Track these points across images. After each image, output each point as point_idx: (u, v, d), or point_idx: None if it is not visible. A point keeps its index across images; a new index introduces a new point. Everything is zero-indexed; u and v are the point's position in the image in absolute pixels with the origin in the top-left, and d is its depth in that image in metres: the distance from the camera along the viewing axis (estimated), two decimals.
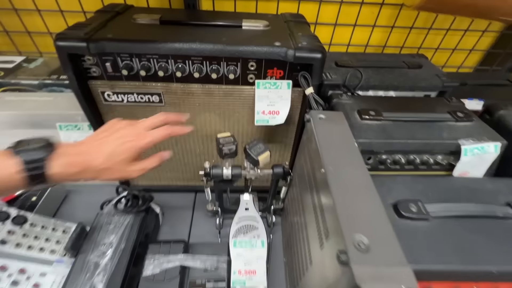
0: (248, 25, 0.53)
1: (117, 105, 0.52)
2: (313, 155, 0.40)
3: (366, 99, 0.53)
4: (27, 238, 0.50)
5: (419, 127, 0.46)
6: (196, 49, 0.45)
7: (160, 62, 0.47)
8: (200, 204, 0.70)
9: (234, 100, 0.52)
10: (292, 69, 0.49)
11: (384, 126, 0.46)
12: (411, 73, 0.61)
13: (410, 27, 0.74)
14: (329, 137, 0.38)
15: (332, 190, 0.31)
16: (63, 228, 0.55)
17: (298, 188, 0.50)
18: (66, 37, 0.43)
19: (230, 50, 0.45)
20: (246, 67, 0.48)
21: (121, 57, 0.46)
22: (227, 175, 0.51)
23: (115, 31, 0.47)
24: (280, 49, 0.45)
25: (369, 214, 0.29)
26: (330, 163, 0.34)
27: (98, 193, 0.68)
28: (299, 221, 0.47)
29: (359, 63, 0.62)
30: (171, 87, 0.50)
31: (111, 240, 0.52)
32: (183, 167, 0.65)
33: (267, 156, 0.49)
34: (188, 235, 0.63)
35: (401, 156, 0.45)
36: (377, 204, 0.30)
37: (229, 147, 0.48)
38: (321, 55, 0.46)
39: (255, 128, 0.57)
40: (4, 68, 0.64)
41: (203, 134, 0.58)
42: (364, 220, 0.28)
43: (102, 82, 0.49)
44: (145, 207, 0.57)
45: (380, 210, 0.29)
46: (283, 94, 0.51)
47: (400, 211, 0.36)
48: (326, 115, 0.43)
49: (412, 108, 0.50)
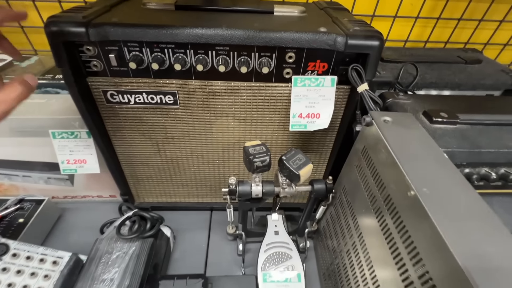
0: (281, 10, 0.44)
1: (122, 108, 0.43)
2: (382, 170, 0.30)
3: (429, 99, 0.43)
4: (7, 273, 0.40)
5: (506, 133, 0.36)
6: (222, 35, 0.36)
7: (176, 53, 0.37)
8: (217, 224, 0.59)
9: (264, 100, 0.43)
10: (339, 61, 0.39)
11: (463, 131, 0.36)
12: (471, 68, 0.51)
13: (458, 19, 0.65)
14: (406, 146, 0.29)
15: (438, 225, 0.21)
16: (54, 258, 0.44)
17: (346, 209, 0.40)
18: (60, 21, 0.34)
19: (266, 37, 0.36)
20: (282, 59, 0.39)
21: (129, 46, 0.37)
22: (257, 193, 0.41)
23: (121, 15, 0.38)
24: (327, 36, 0.36)
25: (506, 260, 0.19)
26: (422, 183, 0.24)
27: (98, 212, 0.58)
28: (351, 248, 0.37)
29: (407, 57, 0.53)
30: (188, 84, 0.41)
31: (113, 275, 0.41)
32: (198, 181, 0.55)
33: (309, 170, 0.39)
34: (204, 263, 0.52)
35: (489, 170, 0.34)
36: (506, 234, 0.20)
37: (261, 158, 0.38)
38: (379, 42, 0.36)
39: (287, 135, 0.47)
40: None
41: (224, 141, 0.48)
42: (500, 270, 0.18)
43: (104, 79, 0.40)
44: (154, 231, 0.47)
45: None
46: (325, 93, 0.41)
47: None
48: (393, 117, 0.33)
49: (490, 109, 0.40)
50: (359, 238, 0.35)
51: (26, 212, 0.52)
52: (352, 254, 0.37)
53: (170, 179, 0.54)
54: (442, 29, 0.69)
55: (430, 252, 0.22)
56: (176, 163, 0.51)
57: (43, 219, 0.53)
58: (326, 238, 0.49)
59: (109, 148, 0.48)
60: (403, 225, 0.26)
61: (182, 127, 0.46)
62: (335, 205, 0.46)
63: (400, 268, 0.25)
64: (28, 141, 0.49)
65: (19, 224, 0.50)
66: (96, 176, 0.55)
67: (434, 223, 0.21)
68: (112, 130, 0.46)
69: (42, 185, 0.56)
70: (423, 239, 0.23)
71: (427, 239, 0.22)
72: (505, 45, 0.71)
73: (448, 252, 0.19)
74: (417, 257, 0.23)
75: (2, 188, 0.56)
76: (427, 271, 0.22)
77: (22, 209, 0.53)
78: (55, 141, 0.47)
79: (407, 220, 0.25)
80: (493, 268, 0.19)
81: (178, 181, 0.55)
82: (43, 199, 0.54)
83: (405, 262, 0.25)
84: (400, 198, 0.26)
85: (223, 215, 0.58)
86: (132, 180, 0.54)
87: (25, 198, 0.54)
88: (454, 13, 0.66)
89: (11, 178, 0.54)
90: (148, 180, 0.54)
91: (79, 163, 0.50)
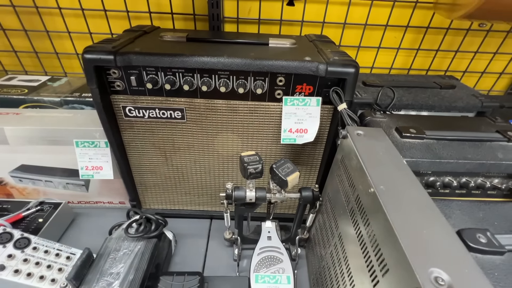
0: (275, 43, 0.52)
1: (137, 121, 0.50)
2: (354, 175, 0.35)
3: (402, 117, 0.49)
4: (27, 264, 0.45)
5: (468, 147, 0.41)
6: (224, 62, 0.43)
7: (185, 76, 0.45)
8: (216, 232, 0.64)
9: (259, 117, 0.50)
10: (322, 85, 0.46)
11: (429, 145, 0.41)
12: (444, 93, 0.57)
13: (436, 50, 0.73)
14: (372, 153, 0.34)
15: (388, 214, 0.26)
16: (67, 254, 0.49)
17: (330, 215, 0.45)
18: (94, 50, 0.42)
19: (259, 64, 0.43)
20: (274, 82, 0.46)
21: (147, 70, 0.45)
22: (251, 198, 0.47)
23: (142, 46, 0.46)
24: (311, 64, 0.43)
25: (441, 243, 0.24)
26: (381, 181, 0.30)
27: (108, 217, 0.64)
28: (333, 253, 0.41)
29: (388, 83, 0.60)
30: (194, 102, 0.48)
31: (119, 269, 0.46)
32: (199, 189, 0.60)
33: (296, 177, 0.44)
34: (202, 266, 0.56)
35: (452, 178, 0.39)
36: (448, 231, 0.25)
37: (254, 166, 0.44)
38: (354, 69, 0.43)
39: (280, 148, 0.53)
40: (28, 86, 0.64)
41: (224, 153, 0.54)
42: (436, 251, 0.23)
43: (124, 96, 0.47)
44: (158, 232, 0.52)
45: (453, 238, 0.24)
46: (312, 112, 0.48)
47: (467, 241, 0.30)
48: (365, 131, 0.39)
49: (455, 127, 0.46)
50: (339, 239, 0.39)
51: (45, 214, 0.58)
52: (334, 255, 0.41)
53: (175, 187, 0.60)
54: (425, 58, 0.76)
55: (383, 237, 0.27)
56: (181, 172, 0.57)
57: (59, 220, 0.59)
58: (315, 245, 0.53)
59: (123, 156, 0.54)
60: (367, 218, 0.30)
61: (187, 139, 0.52)
62: (322, 213, 0.50)
63: (365, 256, 0.30)
64: (54, 149, 0.56)
65: (38, 223, 0.55)
66: (109, 183, 0.61)
67: (385, 212, 0.26)
68: (127, 140, 0.53)
69: (60, 190, 0.63)
70: (379, 226, 0.27)
71: (381, 227, 0.27)
72: (482, 73, 0.77)
73: (395, 237, 0.24)
74: (375, 243, 0.28)
75: (25, 192, 0.63)
76: (381, 254, 0.27)
77: (42, 210, 0.59)
78: (78, 149, 0.55)
79: (369, 214, 0.30)
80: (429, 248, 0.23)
81: (182, 189, 0.60)
82: (60, 202, 0.60)
83: (368, 250, 0.29)
84: (365, 196, 0.31)
85: (221, 224, 0.62)
86: (141, 187, 0.60)
87: (45, 201, 0.60)
88: (435, 45, 0.74)
89: (35, 183, 0.61)
90: (155, 187, 0.60)
91: (96, 169, 0.56)
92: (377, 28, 0.70)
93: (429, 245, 0.23)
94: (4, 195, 0.63)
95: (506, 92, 0.82)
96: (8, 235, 0.47)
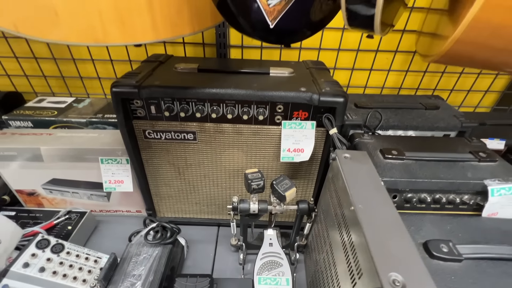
0: (275, 72, 0.59)
1: (155, 142, 0.58)
2: (340, 193, 0.42)
3: (387, 139, 0.55)
4: (63, 266, 0.53)
5: (442, 167, 0.47)
6: (230, 94, 0.50)
7: (197, 105, 0.52)
8: (223, 238, 0.70)
9: (261, 138, 0.57)
10: (316, 111, 0.53)
11: (407, 165, 0.47)
12: (428, 113, 0.64)
13: (424, 71, 0.79)
14: (355, 175, 0.41)
15: (364, 228, 0.32)
16: (95, 258, 0.57)
17: (323, 225, 0.51)
18: (121, 84, 0.50)
19: (261, 95, 0.50)
20: (274, 109, 0.53)
21: (165, 100, 0.52)
22: (254, 210, 0.53)
23: (160, 78, 0.54)
24: (305, 94, 0.50)
25: (402, 252, 0.30)
26: (359, 201, 0.36)
27: (126, 224, 0.71)
28: (326, 258, 0.47)
29: (378, 104, 0.66)
30: (205, 126, 0.55)
31: (140, 272, 0.53)
32: (208, 200, 0.67)
33: (293, 192, 0.51)
34: (211, 269, 0.63)
35: (427, 195, 0.46)
36: (409, 243, 0.31)
37: (257, 182, 0.51)
38: (343, 99, 0.50)
39: (280, 165, 0.60)
40: (57, 107, 0.72)
41: (230, 169, 0.61)
42: (397, 258, 0.29)
43: (145, 121, 0.55)
44: (173, 239, 0.59)
45: (412, 249, 0.30)
46: (307, 134, 0.54)
47: (431, 251, 0.36)
48: (351, 155, 0.45)
49: (433, 148, 0.52)
50: (330, 247, 0.46)
51: (73, 221, 0.65)
52: (326, 260, 0.47)
53: (186, 198, 0.67)
54: (415, 76, 0.83)
55: (360, 247, 0.33)
56: (192, 185, 0.64)
57: (85, 227, 0.67)
58: (311, 251, 0.59)
59: (142, 171, 0.62)
60: (349, 230, 0.37)
61: (198, 156, 0.60)
62: (317, 223, 0.57)
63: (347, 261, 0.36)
64: (81, 165, 0.64)
65: (68, 230, 0.63)
66: (127, 194, 0.69)
67: (362, 227, 0.33)
68: (146, 158, 0.60)
69: (85, 200, 0.70)
70: (357, 237, 0.34)
71: (358, 238, 0.33)
72: (468, 91, 0.83)
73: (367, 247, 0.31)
74: (354, 251, 0.34)
75: (54, 202, 0.71)
76: (358, 260, 0.33)
77: (70, 218, 0.66)
78: (102, 166, 0.62)
79: (352, 229, 0.37)
80: (392, 256, 0.30)
81: (193, 199, 0.67)
82: (85, 211, 0.68)
83: (349, 257, 0.36)
84: (347, 211, 0.38)
85: (228, 231, 0.69)
86: (156, 198, 0.68)
87: (72, 210, 0.68)
88: (423, 66, 0.80)
89: (63, 194, 0.69)
90: (169, 198, 0.67)
91: (117, 183, 0.64)
92: (370, 52, 0.77)
93: (392, 254, 0.30)
94: (36, 204, 0.71)
95: (492, 108, 0.87)
96: (46, 241, 0.55)
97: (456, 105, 0.85)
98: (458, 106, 0.86)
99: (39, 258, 0.52)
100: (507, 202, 0.44)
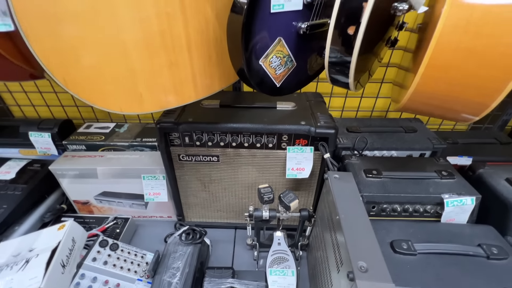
0: (281, 106, 0.74)
1: (187, 163, 0.73)
2: (330, 205, 0.56)
3: (371, 160, 0.69)
4: (119, 260, 0.69)
5: (411, 183, 0.61)
6: (247, 128, 0.66)
7: (221, 135, 0.68)
8: (239, 239, 0.86)
9: (271, 160, 0.72)
10: (314, 139, 0.68)
11: (384, 183, 0.62)
12: (407, 136, 0.77)
13: None
14: (342, 192, 0.55)
15: (344, 232, 0.47)
16: (141, 254, 0.73)
17: (320, 228, 0.66)
18: (164, 122, 0.66)
19: (270, 129, 0.65)
20: (280, 138, 0.68)
21: (196, 132, 0.68)
22: (266, 216, 0.68)
23: (192, 115, 0.69)
24: (305, 127, 0.65)
25: (368, 248, 0.44)
26: (343, 212, 0.51)
27: (159, 227, 0.87)
28: (322, 254, 0.62)
29: (366, 128, 0.80)
30: (226, 151, 0.70)
31: (178, 265, 0.68)
32: (228, 208, 0.83)
33: (296, 203, 0.66)
34: (231, 263, 0.78)
35: (398, 206, 0.60)
36: (374, 242, 0.45)
37: (268, 195, 0.66)
38: (334, 131, 0.64)
39: (286, 181, 0.75)
40: (103, 133, 0.89)
41: (246, 184, 0.76)
42: (365, 252, 0.44)
43: (179, 148, 0.71)
44: (201, 239, 0.74)
45: (375, 246, 0.45)
46: (307, 156, 0.69)
47: (395, 248, 0.50)
48: (340, 175, 0.60)
49: (407, 167, 0.66)
50: (324, 245, 0.60)
51: (119, 226, 0.82)
52: (322, 256, 0.62)
53: (210, 206, 0.83)
54: None
55: (342, 245, 0.48)
56: (214, 196, 0.80)
57: (129, 230, 0.83)
58: (312, 249, 0.74)
59: (175, 186, 0.78)
60: (335, 232, 0.52)
61: (221, 174, 0.75)
62: (316, 226, 0.71)
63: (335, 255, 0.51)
64: (126, 180, 0.80)
65: (116, 233, 0.79)
66: (162, 203, 0.84)
67: (343, 230, 0.47)
68: (178, 175, 0.76)
69: (127, 208, 0.86)
70: (340, 238, 0.49)
71: (341, 239, 0.48)
72: None
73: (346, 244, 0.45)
74: (338, 248, 0.49)
75: (102, 209, 0.87)
76: (340, 254, 0.48)
77: (117, 223, 0.82)
78: (144, 181, 0.78)
79: (337, 232, 0.51)
80: (361, 251, 0.44)
81: (215, 207, 0.83)
82: (128, 217, 0.84)
83: (335, 252, 0.50)
84: (335, 220, 0.52)
85: (244, 233, 0.84)
86: (185, 206, 0.83)
87: (117, 216, 0.84)
88: None
89: (110, 203, 0.85)
90: (196, 206, 0.83)
91: (155, 195, 0.80)
92: None
93: (362, 249, 0.44)
94: (87, 211, 0.88)
95: (469, 126, 1.00)
96: (105, 241, 0.71)
97: (437, 124, 0.98)
98: (439, 124, 0.98)
99: (102, 254, 0.68)
100: (460, 211, 0.58)
